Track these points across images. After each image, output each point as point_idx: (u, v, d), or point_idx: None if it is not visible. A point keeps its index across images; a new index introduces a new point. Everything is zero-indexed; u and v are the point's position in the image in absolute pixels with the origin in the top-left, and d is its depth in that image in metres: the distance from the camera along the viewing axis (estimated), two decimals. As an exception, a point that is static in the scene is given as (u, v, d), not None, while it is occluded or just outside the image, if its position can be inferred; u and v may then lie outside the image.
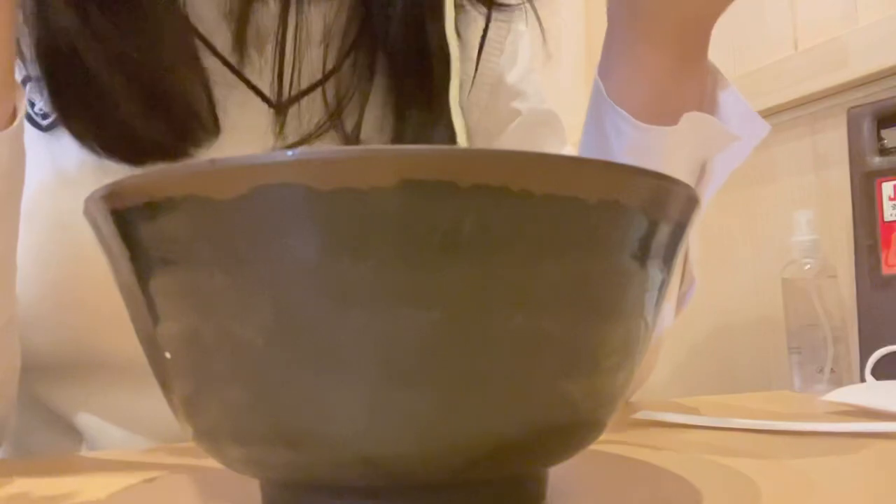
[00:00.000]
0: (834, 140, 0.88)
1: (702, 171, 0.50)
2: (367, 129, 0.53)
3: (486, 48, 0.58)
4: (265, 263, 0.19)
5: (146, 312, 0.22)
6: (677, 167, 0.48)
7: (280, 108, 0.50)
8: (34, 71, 0.45)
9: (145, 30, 0.45)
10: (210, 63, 0.49)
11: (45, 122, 0.46)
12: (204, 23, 0.48)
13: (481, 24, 0.57)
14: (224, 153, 0.47)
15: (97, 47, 0.44)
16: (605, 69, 0.49)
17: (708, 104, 0.50)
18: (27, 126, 0.44)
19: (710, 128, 0.47)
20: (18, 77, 0.45)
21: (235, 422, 0.21)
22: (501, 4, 0.56)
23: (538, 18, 0.59)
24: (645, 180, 0.21)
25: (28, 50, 0.45)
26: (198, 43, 0.48)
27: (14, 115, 0.38)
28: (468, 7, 0.55)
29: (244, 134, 0.49)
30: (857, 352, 0.78)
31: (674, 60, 0.47)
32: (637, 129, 0.46)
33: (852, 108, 0.83)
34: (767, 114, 0.93)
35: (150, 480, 0.32)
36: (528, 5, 0.59)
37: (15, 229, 0.40)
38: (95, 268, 0.23)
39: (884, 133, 0.81)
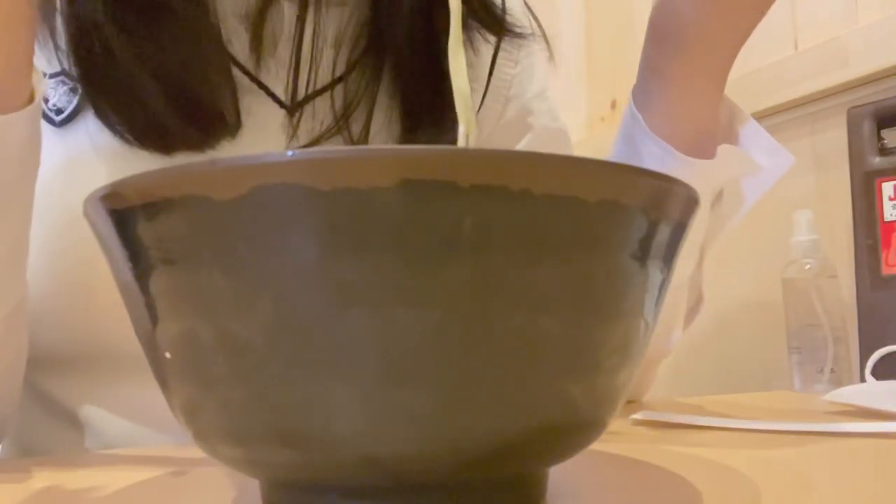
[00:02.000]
0: (834, 140, 0.87)
1: (718, 195, 0.51)
2: (374, 135, 0.53)
3: (499, 60, 0.58)
4: (265, 263, 0.19)
5: (146, 312, 0.22)
6: (706, 193, 0.49)
7: (292, 109, 0.50)
8: (67, 62, 0.47)
9: (180, 39, 0.46)
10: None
11: (58, 118, 0.47)
12: (224, 24, 0.49)
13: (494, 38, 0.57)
14: (243, 150, 0.49)
15: (133, 52, 0.45)
16: (646, 99, 0.49)
17: (725, 133, 0.51)
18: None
19: (739, 159, 0.48)
20: (51, 69, 0.47)
21: (235, 422, 0.21)
22: (511, 32, 0.56)
23: (543, 32, 0.59)
24: (645, 180, 0.21)
25: (62, 42, 0.46)
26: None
27: (32, 98, 0.39)
28: (477, 30, 0.56)
29: (263, 133, 0.50)
30: (857, 352, 0.78)
31: (720, 91, 0.48)
32: (681, 163, 0.47)
33: (852, 108, 0.83)
34: (767, 114, 0.93)
35: (153, 478, 0.32)
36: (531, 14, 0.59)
37: (29, 211, 0.41)
38: (104, 263, 0.23)
39: (884, 133, 0.81)
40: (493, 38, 0.57)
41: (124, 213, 0.21)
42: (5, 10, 0.36)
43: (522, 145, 0.61)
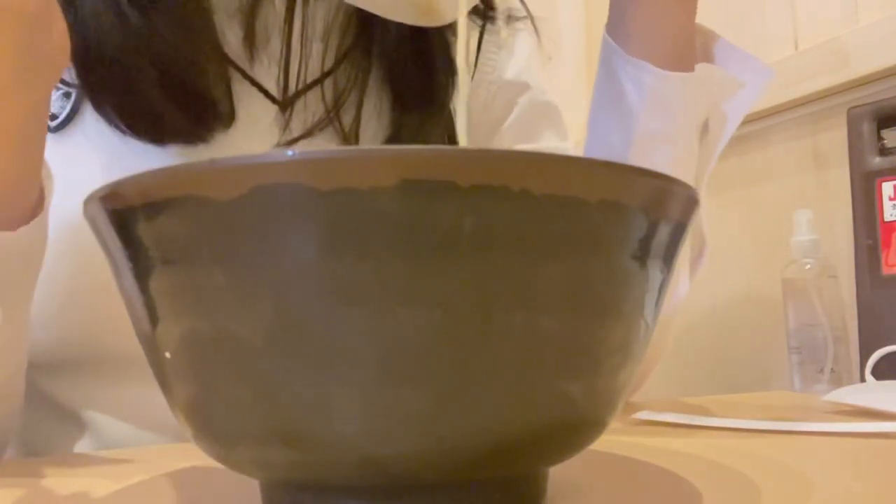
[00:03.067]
0: (834, 140, 0.87)
1: (704, 126, 0.52)
2: (365, 126, 0.53)
3: (483, 45, 0.59)
4: (265, 263, 0.19)
5: (146, 313, 0.22)
6: (691, 117, 0.50)
7: (283, 103, 0.51)
8: None
9: (174, 28, 0.46)
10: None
11: (52, 124, 0.47)
12: (217, 19, 0.50)
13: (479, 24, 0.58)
14: (236, 142, 0.49)
15: (129, 40, 0.45)
16: (619, 25, 0.50)
17: (703, 55, 0.51)
18: None
19: (720, 77, 0.49)
20: None
21: (235, 422, 0.21)
22: (496, 17, 0.57)
23: (536, 30, 0.60)
24: (645, 180, 0.21)
25: None
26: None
27: (41, 199, 0.39)
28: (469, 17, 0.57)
29: (256, 125, 0.50)
30: (857, 352, 0.78)
31: (692, 14, 0.49)
32: (659, 78, 0.47)
33: (852, 108, 0.83)
34: (767, 114, 0.93)
35: (154, 478, 0.32)
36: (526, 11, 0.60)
37: (29, 303, 0.41)
38: (104, 264, 0.23)
39: (884, 133, 0.81)
40: (479, 22, 0.58)
41: (124, 214, 0.20)
42: (22, 115, 0.35)
43: (511, 121, 0.61)
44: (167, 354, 0.21)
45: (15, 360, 0.42)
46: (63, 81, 0.47)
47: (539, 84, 0.64)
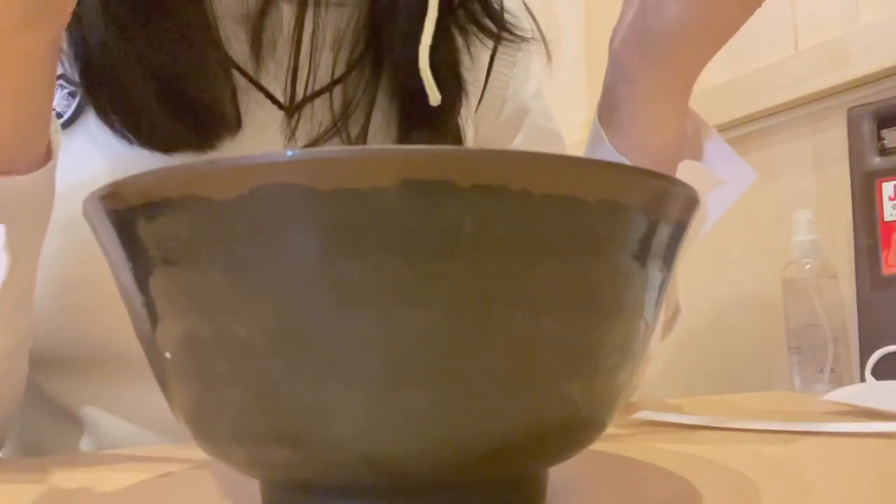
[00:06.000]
0: (834, 140, 0.88)
1: None
2: (373, 138, 0.53)
3: (497, 60, 0.59)
4: (265, 263, 0.19)
5: (146, 313, 0.22)
6: None
7: (290, 111, 0.51)
8: (68, 63, 0.47)
9: (178, 40, 0.46)
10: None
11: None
12: (223, 26, 0.49)
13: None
14: (243, 150, 0.49)
15: (131, 53, 0.45)
16: (613, 116, 0.50)
17: (691, 149, 0.51)
18: None
19: (701, 174, 0.48)
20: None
21: (235, 422, 0.21)
22: (508, 39, 0.57)
23: (541, 33, 0.59)
24: (645, 180, 0.21)
25: (63, 44, 0.47)
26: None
27: (49, 151, 0.39)
28: (475, 34, 0.56)
29: (263, 133, 0.50)
30: (857, 352, 0.78)
31: (686, 107, 0.49)
32: None
33: (852, 108, 0.83)
34: (767, 114, 0.93)
35: (154, 478, 0.32)
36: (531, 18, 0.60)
37: (38, 255, 0.41)
38: (104, 264, 0.23)
39: (884, 133, 0.81)
40: (490, 42, 0.57)
41: (124, 213, 0.20)
42: (32, 58, 0.35)
43: (516, 144, 0.61)
44: (167, 354, 0.21)
45: (24, 324, 0.42)
46: (68, 80, 0.47)
47: (546, 110, 0.64)
